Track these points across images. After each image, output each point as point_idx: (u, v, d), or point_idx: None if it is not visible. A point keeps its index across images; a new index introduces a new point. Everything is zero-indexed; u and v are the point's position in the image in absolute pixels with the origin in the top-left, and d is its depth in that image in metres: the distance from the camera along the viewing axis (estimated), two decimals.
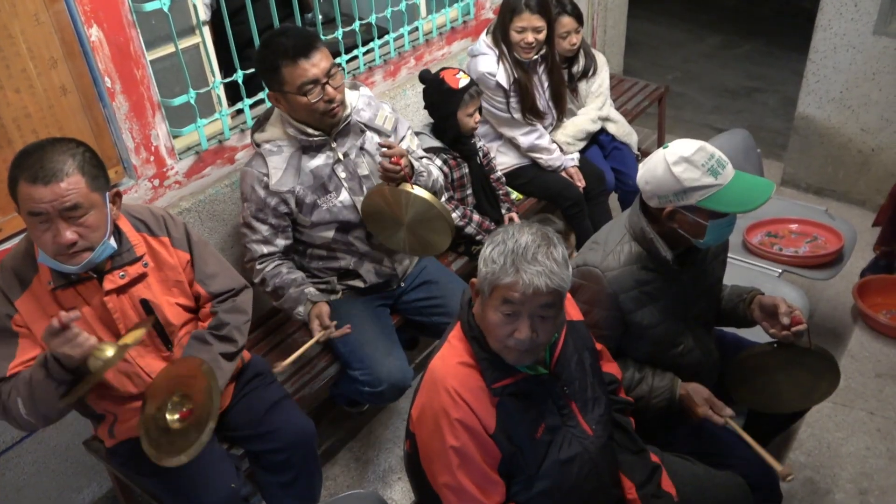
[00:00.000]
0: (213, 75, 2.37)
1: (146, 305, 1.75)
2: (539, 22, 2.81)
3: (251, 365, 2.06)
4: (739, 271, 2.59)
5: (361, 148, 2.20)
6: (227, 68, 2.40)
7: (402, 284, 2.43)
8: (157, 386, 1.73)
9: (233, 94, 2.45)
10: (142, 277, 1.74)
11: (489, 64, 2.89)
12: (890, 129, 3.50)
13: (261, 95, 2.44)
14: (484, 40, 2.95)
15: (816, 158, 3.80)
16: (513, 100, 2.95)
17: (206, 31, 2.35)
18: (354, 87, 2.27)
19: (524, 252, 1.40)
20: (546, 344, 1.51)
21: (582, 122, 3.25)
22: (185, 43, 2.26)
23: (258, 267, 2.18)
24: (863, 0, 3.30)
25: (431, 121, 2.75)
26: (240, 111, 2.45)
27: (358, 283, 2.34)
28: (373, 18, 2.79)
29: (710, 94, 5.17)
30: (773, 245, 2.83)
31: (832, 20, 3.43)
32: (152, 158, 2.20)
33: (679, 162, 1.65)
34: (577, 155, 3.17)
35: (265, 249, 2.17)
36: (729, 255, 2.07)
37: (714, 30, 6.08)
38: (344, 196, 2.18)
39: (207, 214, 2.37)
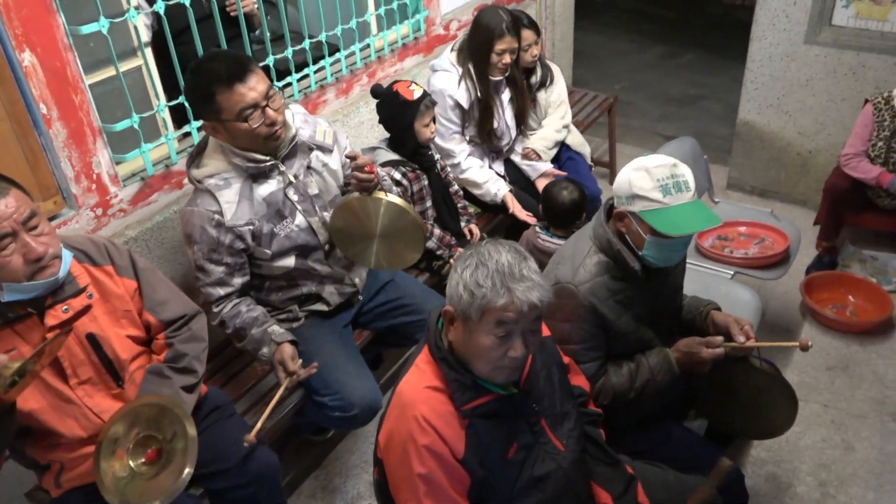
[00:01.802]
0: (158, 98, 2.30)
1: (93, 340, 1.66)
2: (516, 43, 2.88)
3: (209, 398, 1.98)
4: (695, 275, 2.63)
5: (308, 167, 2.15)
6: (172, 90, 2.33)
7: (361, 297, 2.40)
8: (115, 426, 1.64)
9: (179, 116, 2.38)
10: (87, 310, 1.66)
11: (449, 82, 2.89)
12: (825, 132, 3.64)
13: (186, 129, 2.37)
14: (448, 57, 2.95)
15: (759, 162, 3.92)
16: (470, 120, 2.97)
17: (149, 52, 2.28)
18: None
19: (510, 270, 1.39)
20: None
21: (549, 133, 3.30)
22: (126, 66, 2.19)
23: (215, 310, 2.08)
24: (794, 12, 3.43)
25: (387, 135, 2.73)
26: (187, 134, 2.38)
27: (321, 307, 2.29)
28: (323, 36, 2.75)
29: (657, 102, 5.29)
30: (724, 248, 2.89)
31: (766, 31, 3.55)
32: (94, 186, 2.12)
33: (640, 168, 1.70)
34: (549, 164, 3.21)
35: (221, 291, 2.06)
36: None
37: (657, 40, 6.24)
38: (300, 219, 2.11)
39: (156, 242, 2.29)
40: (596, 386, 1.82)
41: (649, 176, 1.68)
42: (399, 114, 2.57)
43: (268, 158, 2.00)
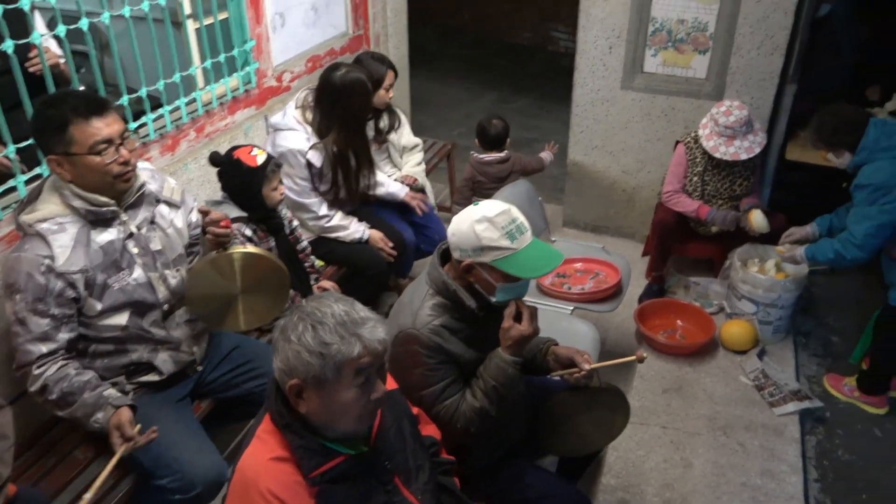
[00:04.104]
0: None
1: None
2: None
3: (19, 499, 1.73)
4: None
5: (152, 222, 2.05)
6: None
7: (199, 368, 2.25)
8: None
9: None
10: None
11: (299, 141, 2.83)
12: (645, 170, 3.95)
13: (11, 183, 2.16)
14: (293, 115, 2.87)
15: (590, 199, 4.18)
16: (326, 178, 2.92)
17: None
18: None
19: (350, 318, 1.37)
20: None
21: (413, 170, 3.48)
22: None
23: (36, 372, 1.87)
24: (610, 60, 3.73)
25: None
26: None
27: (153, 377, 2.12)
28: (143, 91, 2.61)
29: None
30: (563, 285, 3.03)
31: (587, 78, 3.83)
32: None
33: (482, 220, 1.73)
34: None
35: (44, 348, 1.87)
36: (526, 299, 2.16)
37: (490, 87, 6.54)
38: (138, 273, 1.99)
39: None
40: (463, 419, 1.80)
41: (493, 226, 1.72)
42: (245, 182, 2.48)
43: (111, 203, 1.91)
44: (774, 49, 3.42)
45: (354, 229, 3.04)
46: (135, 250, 2.00)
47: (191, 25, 2.86)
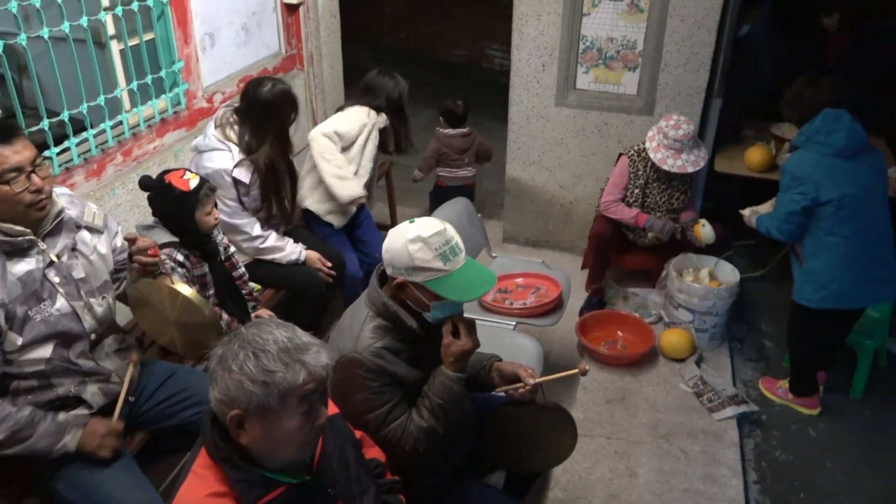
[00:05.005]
0: None
1: None
2: None
3: None
4: (480, 329, 2.70)
5: (73, 249, 1.96)
6: None
7: (131, 399, 2.16)
8: None
9: None
10: None
11: (224, 160, 2.75)
12: (581, 185, 4.03)
13: None
14: (214, 135, 2.80)
15: (529, 215, 4.22)
16: (252, 195, 2.86)
17: None
18: None
19: (293, 344, 1.34)
20: None
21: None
22: None
23: None
24: (543, 78, 3.80)
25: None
26: None
27: (81, 412, 2.01)
28: (65, 115, 2.50)
29: None
30: (505, 300, 3.04)
31: (522, 95, 3.89)
32: None
33: (416, 240, 1.71)
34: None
35: None
36: (468, 315, 2.15)
37: (425, 105, 6.56)
38: (61, 303, 1.90)
39: None
40: (411, 440, 1.79)
41: (427, 246, 1.71)
42: (177, 207, 2.40)
43: (26, 232, 1.83)
44: (700, 66, 3.54)
45: (290, 250, 2.98)
46: (56, 279, 1.91)
47: (115, 46, 2.77)
